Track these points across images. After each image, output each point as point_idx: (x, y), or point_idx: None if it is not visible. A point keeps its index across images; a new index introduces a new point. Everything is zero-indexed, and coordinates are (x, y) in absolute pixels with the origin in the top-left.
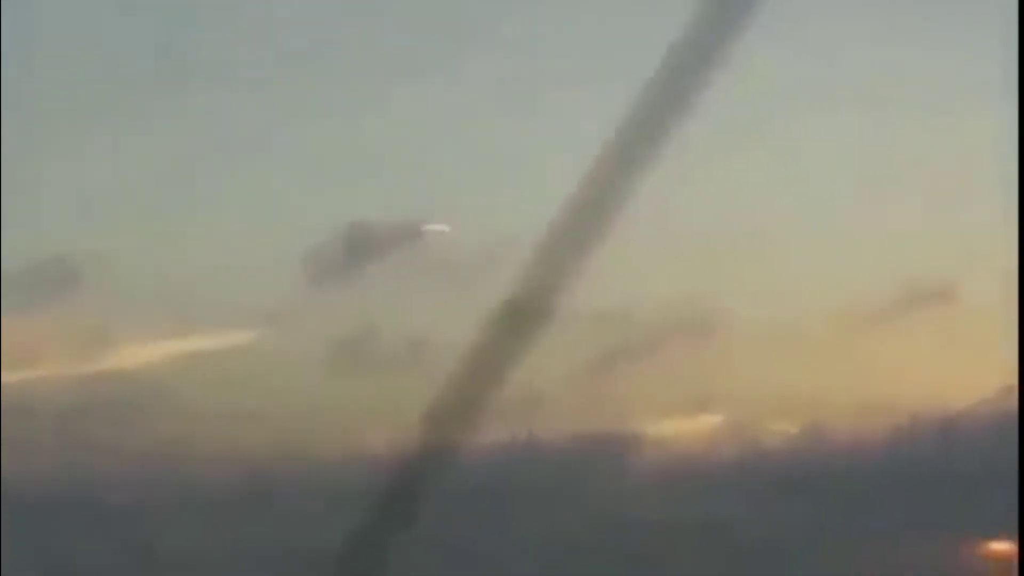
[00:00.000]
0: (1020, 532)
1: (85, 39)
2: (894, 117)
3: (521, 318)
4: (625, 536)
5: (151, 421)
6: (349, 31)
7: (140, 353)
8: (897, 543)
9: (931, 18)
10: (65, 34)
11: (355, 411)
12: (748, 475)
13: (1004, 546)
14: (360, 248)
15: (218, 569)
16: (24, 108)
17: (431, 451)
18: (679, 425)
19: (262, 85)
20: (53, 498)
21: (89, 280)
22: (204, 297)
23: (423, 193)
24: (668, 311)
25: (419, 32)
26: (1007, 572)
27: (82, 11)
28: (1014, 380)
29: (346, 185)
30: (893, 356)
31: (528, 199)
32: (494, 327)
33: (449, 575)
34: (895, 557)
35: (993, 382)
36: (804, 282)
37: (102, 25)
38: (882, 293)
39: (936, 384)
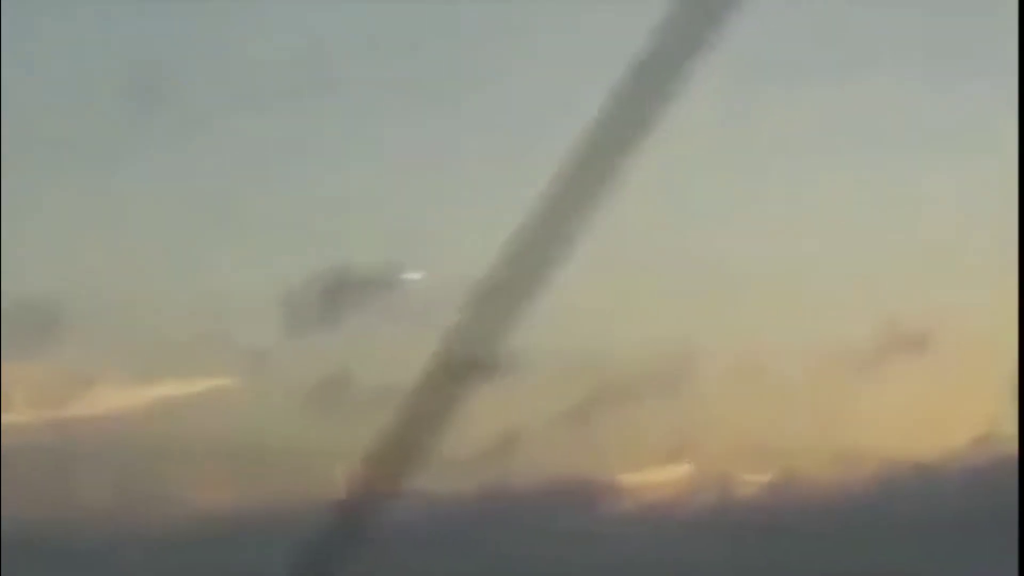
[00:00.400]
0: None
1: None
2: (879, 157)
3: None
4: None
5: (125, 464)
6: (331, 73)
7: (115, 397)
8: None
9: (932, 56)
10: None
11: (328, 454)
12: (720, 522)
13: None
14: (338, 293)
15: None
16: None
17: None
18: (651, 473)
19: (240, 128)
20: (25, 541)
21: (65, 324)
22: (181, 341)
23: (402, 239)
24: (642, 356)
25: (403, 74)
26: None
27: (53, 54)
28: (991, 428)
29: (325, 230)
30: (870, 403)
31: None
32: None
33: None
34: None
35: (968, 431)
36: (781, 325)
37: (73, 66)
38: (861, 338)
39: (912, 432)
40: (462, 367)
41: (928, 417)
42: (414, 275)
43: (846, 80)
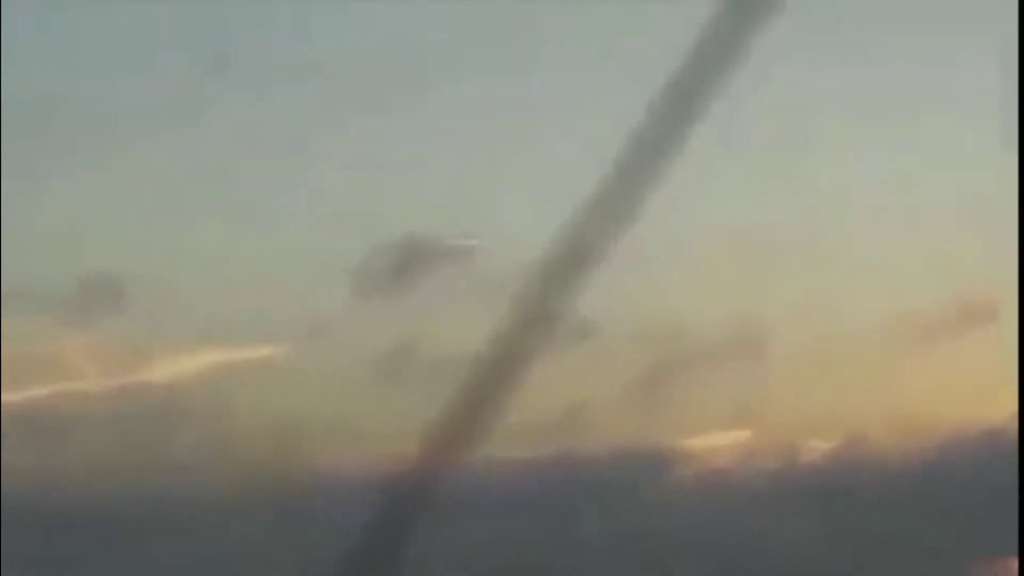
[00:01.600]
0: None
1: (112, 49)
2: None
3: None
4: (660, 547)
5: (190, 432)
6: (407, 36)
7: (182, 366)
8: (934, 558)
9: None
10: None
11: (392, 424)
12: (782, 489)
13: None
14: (409, 261)
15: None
16: (58, 123)
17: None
18: (716, 439)
19: (309, 89)
20: (87, 509)
21: (131, 294)
22: (246, 310)
23: (473, 207)
24: (713, 326)
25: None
26: None
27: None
28: None
29: (395, 197)
30: (938, 372)
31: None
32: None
33: None
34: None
35: None
36: (851, 295)
37: (127, 33)
38: (930, 308)
39: (978, 401)
40: (533, 332)
41: (993, 385)
42: (484, 244)
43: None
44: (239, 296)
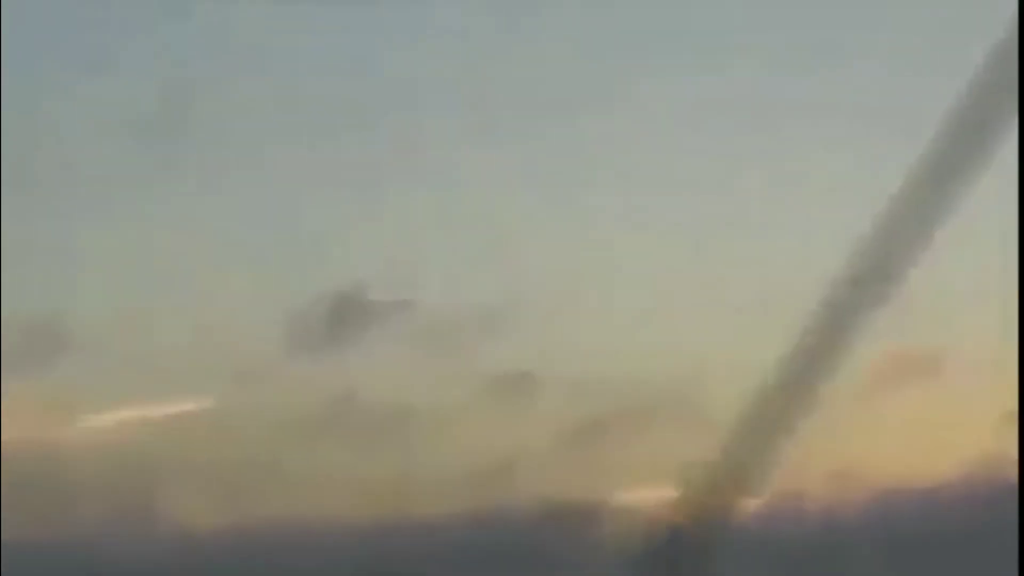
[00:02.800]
0: None
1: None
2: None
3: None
4: None
5: (121, 486)
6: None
7: (112, 417)
8: None
9: None
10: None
11: (324, 478)
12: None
13: None
14: (345, 315)
15: None
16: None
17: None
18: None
19: (253, 148)
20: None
21: (65, 344)
22: (181, 362)
23: (411, 261)
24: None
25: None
26: None
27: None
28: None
29: (332, 251)
30: (877, 424)
31: (516, 270)
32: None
33: None
34: None
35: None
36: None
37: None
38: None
39: (912, 455)
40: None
41: (929, 440)
42: (420, 297)
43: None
44: (172, 348)
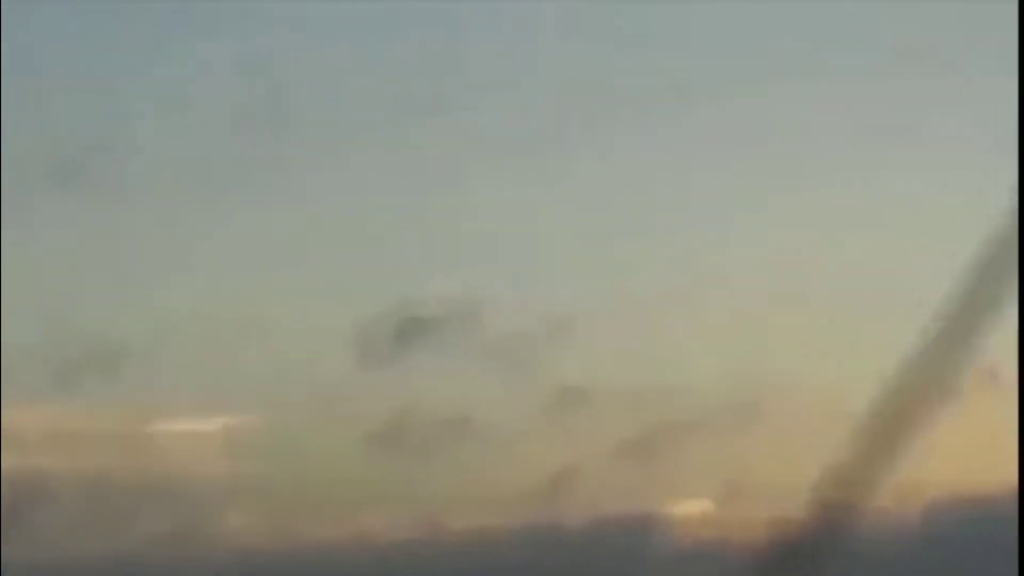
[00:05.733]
0: None
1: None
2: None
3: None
4: None
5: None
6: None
7: (182, 432)
8: None
9: None
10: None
11: (387, 491)
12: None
13: None
14: (410, 327)
15: None
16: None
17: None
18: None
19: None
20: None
21: (132, 361)
22: (249, 378)
23: (478, 273)
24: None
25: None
26: None
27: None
28: None
29: (401, 262)
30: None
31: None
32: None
33: None
34: None
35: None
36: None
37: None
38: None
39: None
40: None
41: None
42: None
43: None
44: (240, 363)
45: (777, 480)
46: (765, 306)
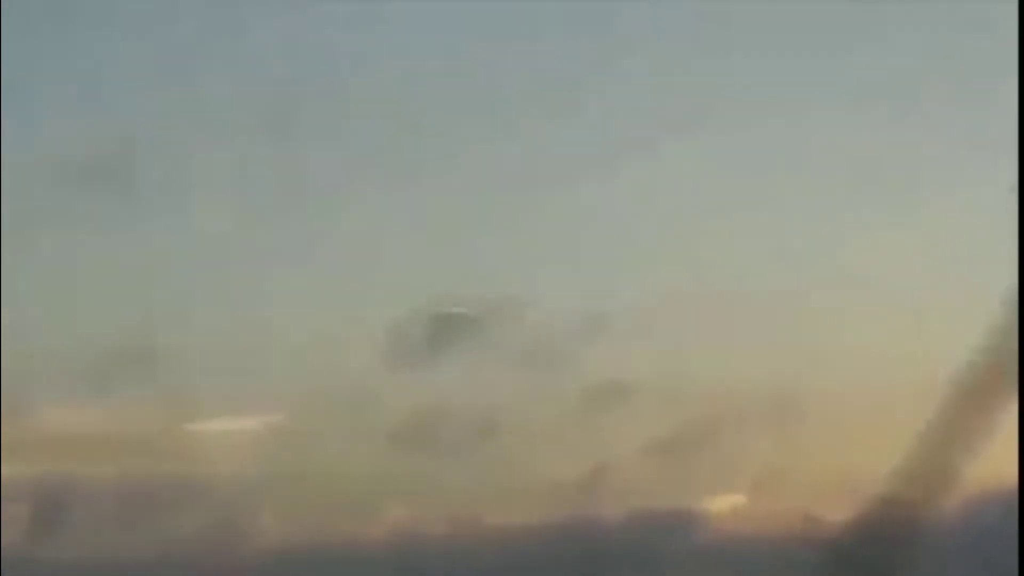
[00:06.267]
0: None
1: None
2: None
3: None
4: None
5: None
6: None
7: (217, 432)
8: None
9: None
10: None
11: (421, 488)
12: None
13: None
14: (445, 325)
15: None
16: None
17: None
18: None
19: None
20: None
21: (161, 359)
22: (277, 376)
23: (510, 271)
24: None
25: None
26: None
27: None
28: None
29: (431, 261)
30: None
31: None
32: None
33: None
34: None
35: None
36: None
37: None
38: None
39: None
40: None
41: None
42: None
43: None
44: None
45: (812, 476)
46: (802, 305)
